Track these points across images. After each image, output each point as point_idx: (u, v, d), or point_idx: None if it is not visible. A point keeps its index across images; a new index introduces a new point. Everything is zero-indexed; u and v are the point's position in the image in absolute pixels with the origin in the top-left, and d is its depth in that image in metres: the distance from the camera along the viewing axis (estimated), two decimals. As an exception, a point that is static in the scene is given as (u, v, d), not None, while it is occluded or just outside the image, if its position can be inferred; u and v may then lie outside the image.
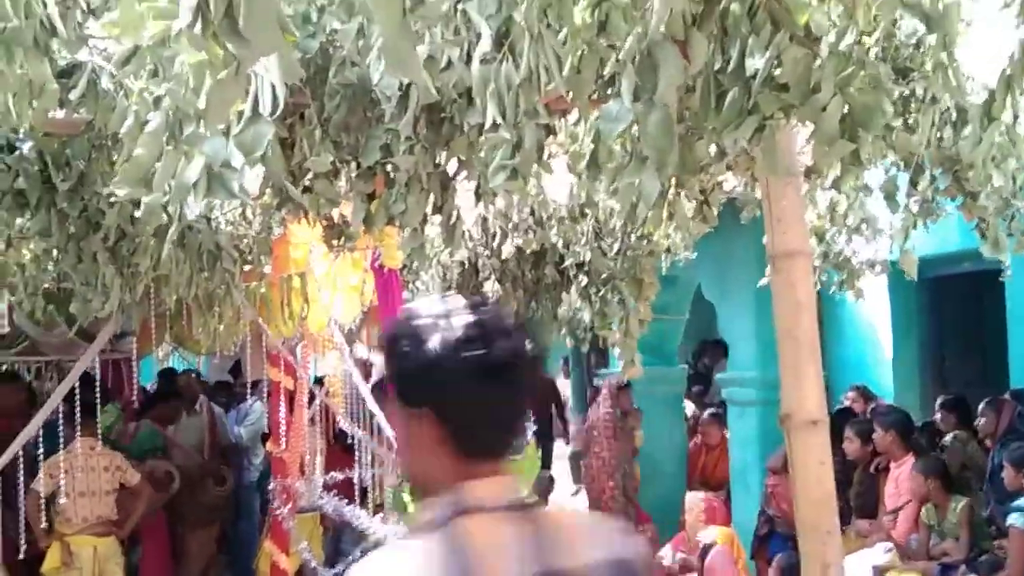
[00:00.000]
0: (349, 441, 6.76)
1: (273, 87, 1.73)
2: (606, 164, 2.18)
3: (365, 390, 6.09)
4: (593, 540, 1.78)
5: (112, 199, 3.78)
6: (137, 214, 3.96)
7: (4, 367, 9.58)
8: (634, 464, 9.45)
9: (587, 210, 4.96)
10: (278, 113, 1.78)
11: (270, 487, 7.03)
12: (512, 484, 1.71)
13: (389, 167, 3.23)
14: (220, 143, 1.74)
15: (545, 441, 12.75)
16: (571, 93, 2.16)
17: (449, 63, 2.32)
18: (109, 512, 6.97)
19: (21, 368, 9.77)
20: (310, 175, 3.23)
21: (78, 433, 6.54)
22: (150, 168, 1.78)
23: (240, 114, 1.76)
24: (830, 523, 2.62)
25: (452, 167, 3.34)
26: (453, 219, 3.35)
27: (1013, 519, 5.78)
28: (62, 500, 6.53)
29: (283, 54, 1.62)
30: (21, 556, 5.95)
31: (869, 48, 2.32)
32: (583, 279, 5.52)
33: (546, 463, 12.59)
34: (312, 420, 6.93)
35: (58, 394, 5.46)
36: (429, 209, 3.36)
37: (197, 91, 1.63)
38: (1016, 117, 3.46)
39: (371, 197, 3.35)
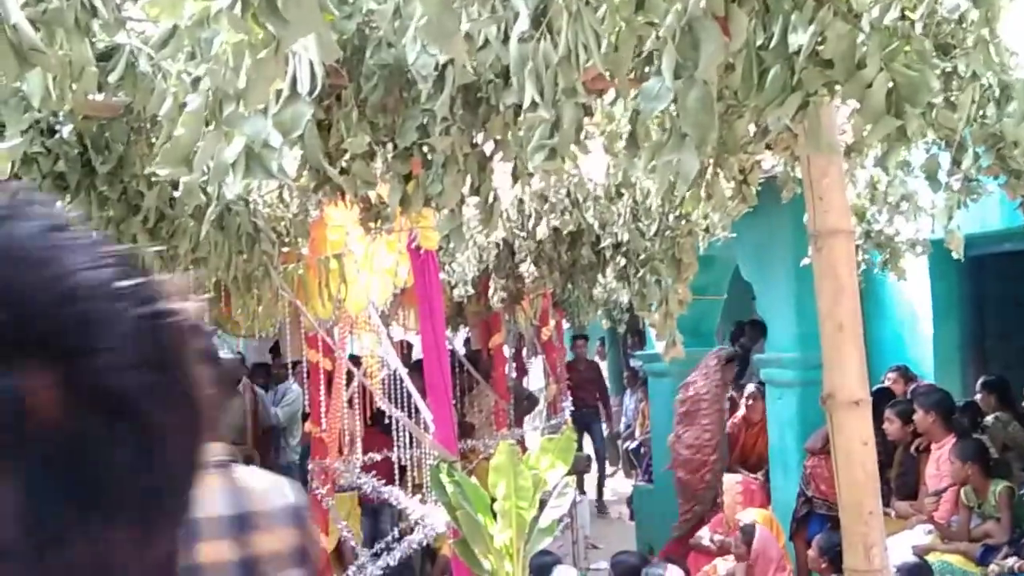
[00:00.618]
0: (387, 422, 6.79)
1: (312, 67, 1.73)
2: (644, 143, 2.15)
3: (402, 370, 6.10)
4: (275, 490, 2.40)
5: (153, 180, 3.82)
6: (176, 195, 4.02)
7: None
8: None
9: (623, 190, 4.93)
10: (316, 94, 1.78)
11: (309, 467, 7.08)
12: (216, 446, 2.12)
13: (426, 148, 3.23)
14: (260, 123, 1.74)
15: (591, 423, 12.83)
16: (609, 71, 2.14)
17: (486, 42, 2.31)
18: None
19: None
20: (347, 156, 3.23)
21: None
22: (190, 148, 1.79)
23: (279, 94, 1.76)
24: (872, 504, 2.59)
25: (489, 148, 3.33)
26: (490, 200, 3.35)
27: None
28: None
29: (321, 34, 1.61)
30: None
31: (913, 23, 2.28)
32: (620, 260, 5.49)
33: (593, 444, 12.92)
34: (350, 401, 6.96)
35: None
36: (466, 190, 3.36)
37: (236, 71, 1.63)
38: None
39: (407, 178, 3.35)
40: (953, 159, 4.31)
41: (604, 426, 13.64)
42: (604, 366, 17.63)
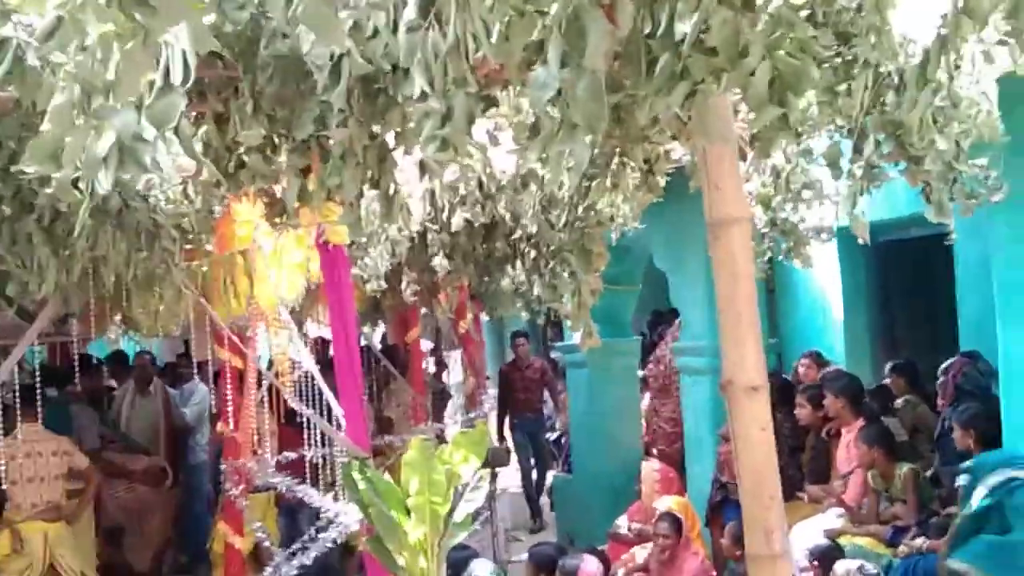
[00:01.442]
0: (299, 420, 6.71)
1: (185, 57, 1.68)
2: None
3: (314, 368, 6.04)
4: None
5: (44, 181, 3.71)
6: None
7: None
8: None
9: (531, 181, 4.92)
10: (189, 84, 1.73)
11: (222, 467, 6.97)
12: None
13: (324, 141, 3.18)
14: (131, 116, 1.68)
15: (535, 431, 11.93)
16: (500, 62, 2.12)
17: (376, 32, 2.27)
18: (58, 497, 6.90)
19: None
20: (243, 149, 3.17)
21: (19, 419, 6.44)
22: (59, 144, 1.72)
23: (152, 85, 1.71)
24: (772, 488, 2.61)
25: (390, 141, 3.29)
26: (391, 193, 3.31)
27: (961, 480, 5.84)
28: (6, 486, 6.43)
29: (194, 23, 1.57)
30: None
31: (799, 10, 2.29)
32: (532, 252, 5.49)
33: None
34: (262, 401, 6.87)
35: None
36: (367, 184, 3.32)
37: (105, 63, 1.58)
38: (952, 78, 3.45)
39: (306, 172, 3.30)
40: (854, 146, 4.37)
41: (552, 429, 12.79)
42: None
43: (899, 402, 7.35)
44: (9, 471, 6.48)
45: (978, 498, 3.96)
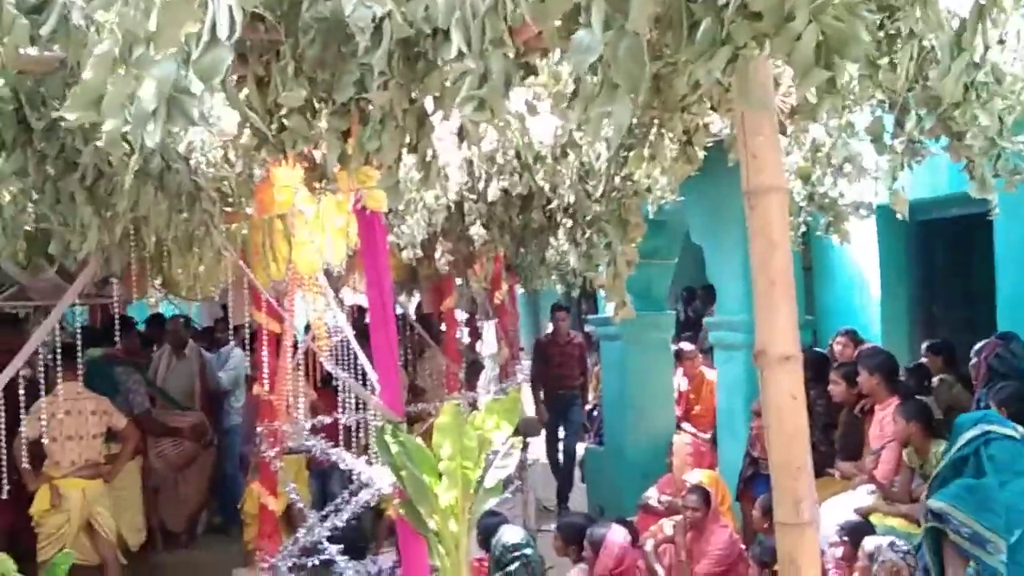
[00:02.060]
0: (334, 385, 6.78)
1: (231, 12, 1.70)
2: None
3: (350, 334, 6.08)
4: None
5: (89, 137, 3.76)
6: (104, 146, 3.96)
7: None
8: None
9: (570, 151, 4.93)
10: (235, 39, 1.75)
11: (258, 429, 7.05)
12: None
13: (364, 104, 3.20)
14: (171, 67, 1.71)
15: (568, 407, 11.37)
16: (538, 24, 2.12)
17: (416, -8, 2.28)
18: (96, 455, 7.02)
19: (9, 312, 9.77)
20: (284, 111, 3.20)
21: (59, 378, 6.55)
22: (99, 92, 1.75)
23: (199, 40, 1.73)
24: (802, 459, 2.62)
25: (429, 106, 3.30)
26: (428, 157, 3.33)
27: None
28: (46, 442, 6.55)
29: (237, -23, 1.58)
30: (4, 496, 5.95)
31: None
32: (568, 222, 5.50)
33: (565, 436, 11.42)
34: (297, 365, 6.94)
35: (37, 337, 5.43)
36: (405, 148, 3.33)
37: (147, 13, 1.60)
38: (987, 48, 3.41)
39: (347, 135, 3.32)
40: (896, 121, 4.35)
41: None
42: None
43: (935, 381, 7.31)
44: (49, 428, 6.61)
45: (956, 448, 4.39)
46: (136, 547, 7.82)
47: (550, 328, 12.18)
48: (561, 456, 11.39)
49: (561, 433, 11.48)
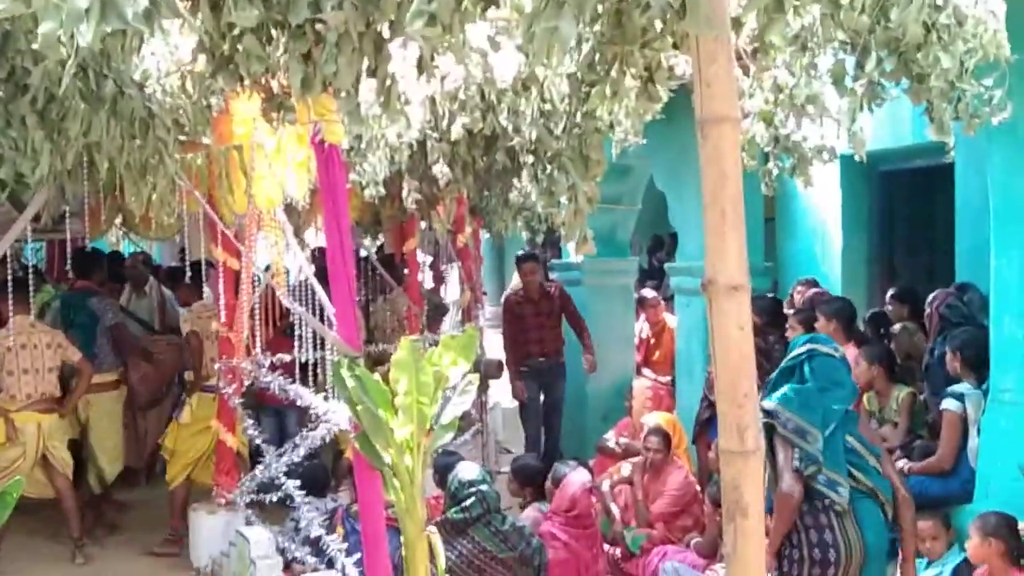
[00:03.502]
0: (292, 322, 6.76)
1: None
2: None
3: (309, 271, 6.05)
4: None
5: (38, 57, 3.69)
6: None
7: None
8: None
9: (531, 86, 4.89)
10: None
11: (216, 366, 7.03)
12: None
13: (320, 27, 3.16)
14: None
15: (551, 382, 9.49)
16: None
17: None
18: (52, 389, 6.98)
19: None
20: (237, 32, 3.15)
21: (11, 312, 6.48)
22: (30, -13, 1.71)
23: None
24: (748, 386, 2.64)
25: (387, 34, 3.26)
26: (388, 82, 3.29)
27: (946, 404, 5.90)
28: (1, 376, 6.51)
29: None
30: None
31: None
32: (531, 158, 5.46)
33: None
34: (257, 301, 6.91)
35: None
36: (364, 74, 3.29)
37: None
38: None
39: (307, 59, 3.27)
40: (857, 62, 4.35)
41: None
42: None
43: (896, 327, 7.38)
44: (4, 362, 6.56)
45: (787, 359, 5.03)
46: (112, 478, 7.80)
47: (516, 282, 10.10)
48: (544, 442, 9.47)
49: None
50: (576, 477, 6.54)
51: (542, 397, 9.50)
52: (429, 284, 11.54)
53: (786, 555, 4.72)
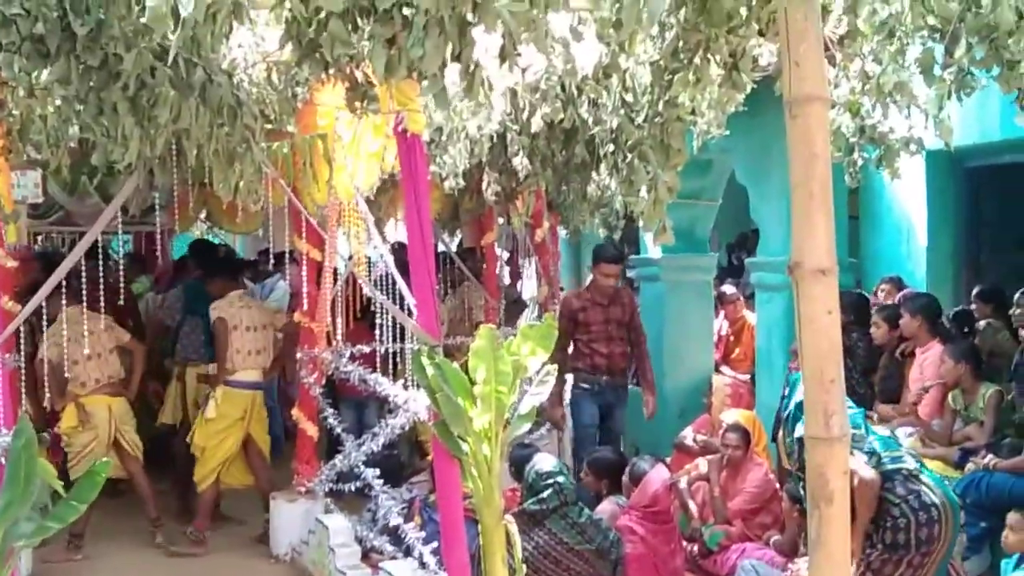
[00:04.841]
0: (373, 311, 6.82)
1: None
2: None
3: (390, 261, 6.09)
4: None
5: (130, 47, 3.77)
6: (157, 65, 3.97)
7: (40, 237, 9.73)
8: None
9: (612, 73, 4.87)
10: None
11: (298, 356, 7.12)
12: None
13: (407, 12, 3.19)
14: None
15: (613, 403, 8.07)
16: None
17: None
18: (117, 370, 7.11)
19: (56, 238, 9.92)
20: (323, 15, 3.19)
21: (63, 303, 6.51)
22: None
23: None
24: (834, 372, 2.60)
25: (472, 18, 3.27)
26: (472, 67, 3.30)
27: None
28: (67, 364, 6.62)
29: None
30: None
31: None
32: (611, 147, 5.44)
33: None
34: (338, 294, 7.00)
35: (70, 260, 5.45)
36: (449, 58, 3.31)
37: None
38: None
39: (391, 43, 3.30)
40: (946, 49, 4.25)
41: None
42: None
43: (981, 324, 7.22)
44: (69, 351, 6.65)
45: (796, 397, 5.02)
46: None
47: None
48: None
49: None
50: (656, 474, 6.50)
51: (598, 421, 7.90)
52: (507, 279, 11.57)
53: (888, 526, 4.86)
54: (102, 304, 6.65)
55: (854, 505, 4.71)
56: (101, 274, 6.35)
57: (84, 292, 6.12)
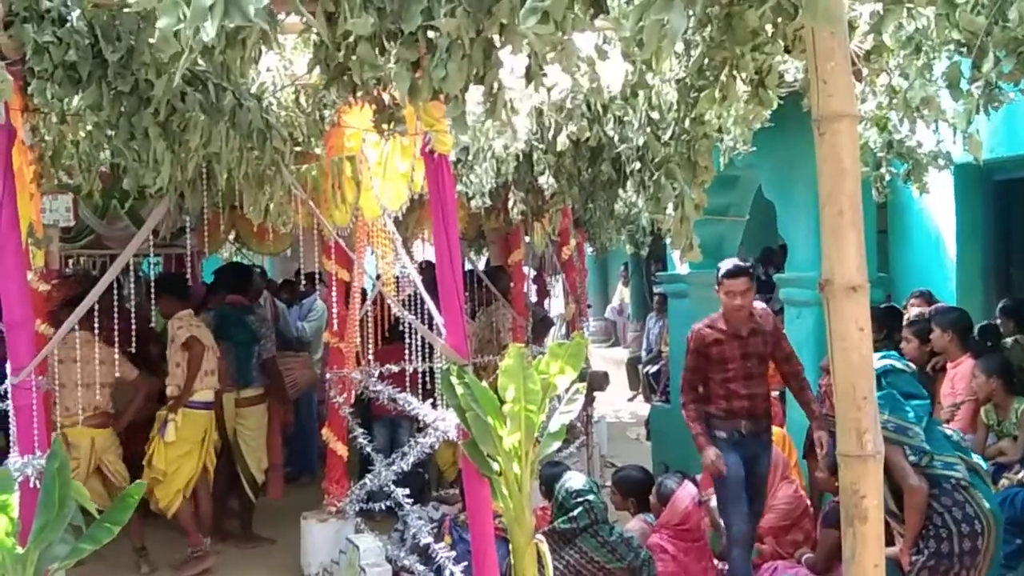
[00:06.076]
0: (401, 330, 6.83)
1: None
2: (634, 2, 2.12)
3: (418, 280, 6.11)
4: None
5: (161, 70, 3.81)
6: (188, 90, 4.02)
7: (71, 261, 9.81)
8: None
9: (638, 91, 4.88)
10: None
11: (327, 376, 7.15)
12: None
13: (432, 34, 3.21)
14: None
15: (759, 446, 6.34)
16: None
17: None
18: (105, 404, 7.04)
19: (86, 262, 10.01)
20: (351, 39, 3.21)
21: (76, 328, 6.26)
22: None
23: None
24: (866, 388, 2.59)
25: (497, 41, 3.29)
26: (495, 89, 3.32)
27: None
28: (56, 389, 6.45)
29: None
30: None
31: None
32: (636, 164, 5.45)
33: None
34: (366, 314, 7.03)
35: (104, 281, 5.46)
36: (472, 78, 3.33)
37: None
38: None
39: (416, 66, 3.33)
40: (973, 63, 4.24)
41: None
42: (627, 292, 17.54)
43: (1008, 342, 7.16)
44: (61, 374, 6.49)
45: None
46: (260, 483, 7.95)
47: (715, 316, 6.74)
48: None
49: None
50: (684, 492, 6.48)
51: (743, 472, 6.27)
52: (533, 297, 11.59)
53: (932, 535, 4.96)
54: (116, 332, 6.58)
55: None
56: (131, 296, 6.36)
57: (97, 321, 6.11)
